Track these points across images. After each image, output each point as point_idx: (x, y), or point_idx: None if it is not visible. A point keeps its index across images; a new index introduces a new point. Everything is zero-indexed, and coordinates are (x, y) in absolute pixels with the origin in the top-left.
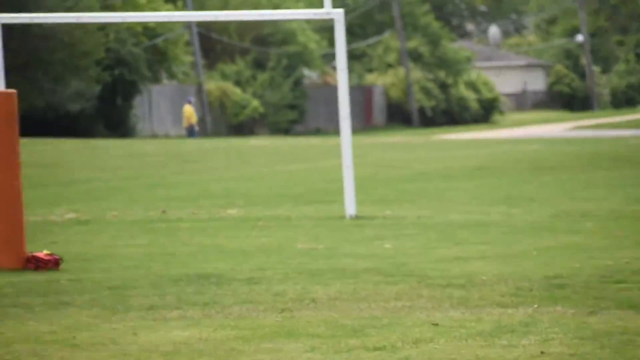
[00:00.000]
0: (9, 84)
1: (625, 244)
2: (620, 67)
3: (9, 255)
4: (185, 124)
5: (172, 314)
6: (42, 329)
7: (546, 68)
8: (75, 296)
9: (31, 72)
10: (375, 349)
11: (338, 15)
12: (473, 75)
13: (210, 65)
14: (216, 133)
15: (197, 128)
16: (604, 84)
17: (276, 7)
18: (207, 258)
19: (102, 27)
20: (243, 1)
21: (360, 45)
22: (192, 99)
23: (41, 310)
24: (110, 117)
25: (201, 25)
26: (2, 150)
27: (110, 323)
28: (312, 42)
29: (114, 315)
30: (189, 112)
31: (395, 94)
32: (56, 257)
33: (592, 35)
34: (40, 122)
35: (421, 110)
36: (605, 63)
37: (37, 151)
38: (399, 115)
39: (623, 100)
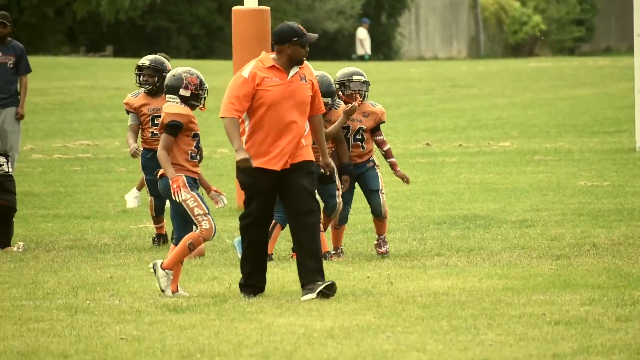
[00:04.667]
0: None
1: None
2: None
3: None
4: None
5: (432, 261)
6: (288, 277)
7: None
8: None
9: None
10: None
11: None
12: None
13: None
14: (491, 54)
15: None
16: None
17: None
18: (474, 197)
19: None
20: None
21: None
22: None
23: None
24: (372, 36)
25: None
26: None
27: (363, 271)
28: None
29: (367, 262)
30: None
31: None
32: None
33: None
34: None
35: None
36: None
37: None
38: None
39: None
